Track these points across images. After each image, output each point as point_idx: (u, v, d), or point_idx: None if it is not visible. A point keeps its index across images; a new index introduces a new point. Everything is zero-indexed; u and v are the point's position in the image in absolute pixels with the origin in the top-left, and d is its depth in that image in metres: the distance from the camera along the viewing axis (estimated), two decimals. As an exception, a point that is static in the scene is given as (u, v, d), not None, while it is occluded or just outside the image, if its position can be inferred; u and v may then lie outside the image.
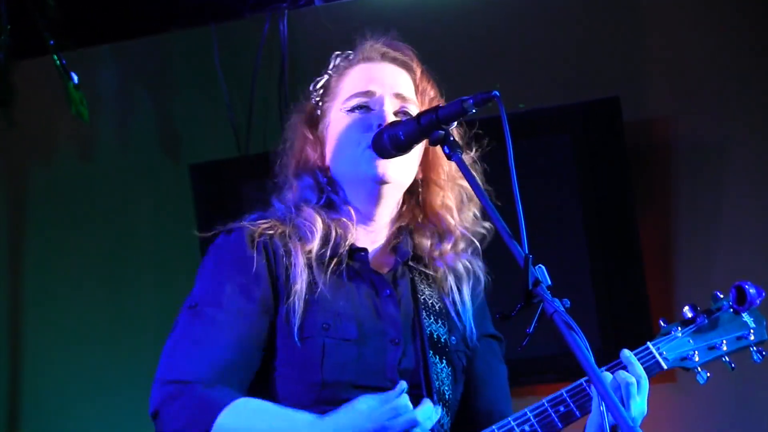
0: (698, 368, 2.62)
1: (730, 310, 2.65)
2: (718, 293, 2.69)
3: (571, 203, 4.43)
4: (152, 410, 2.43)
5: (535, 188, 4.28)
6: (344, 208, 2.59)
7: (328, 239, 2.54)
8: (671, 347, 2.60)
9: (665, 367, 2.59)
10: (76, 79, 4.62)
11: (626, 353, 2.53)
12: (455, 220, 2.65)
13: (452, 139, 2.43)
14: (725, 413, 4.42)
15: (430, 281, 2.66)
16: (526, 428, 2.49)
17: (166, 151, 5.02)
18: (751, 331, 2.66)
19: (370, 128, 2.55)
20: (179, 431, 2.38)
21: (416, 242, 2.64)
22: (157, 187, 4.99)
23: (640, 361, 2.53)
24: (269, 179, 2.69)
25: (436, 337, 2.59)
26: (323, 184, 2.61)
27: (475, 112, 2.39)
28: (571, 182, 4.44)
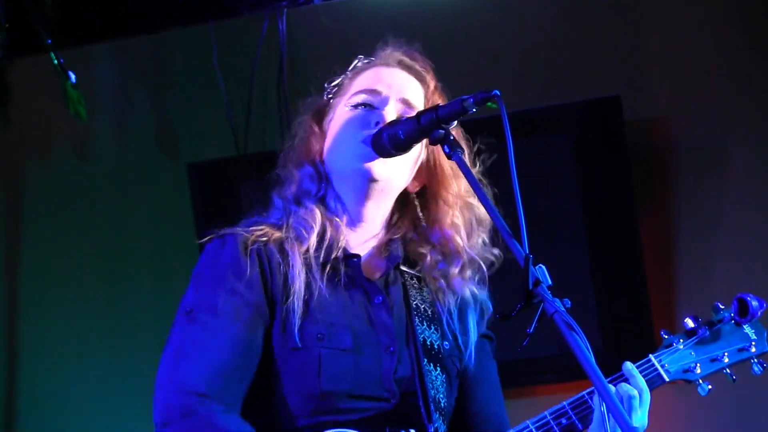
0: (700, 380, 2.61)
1: (731, 321, 2.65)
2: (719, 304, 2.68)
3: (571, 203, 4.42)
4: (160, 420, 2.40)
5: (535, 188, 4.28)
6: (336, 205, 2.59)
7: (323, 237, 2.53)
8: (673, 359, 2.59)
9: (667, 379, 2.58)
10: (73, 77, 4.61)
11: (628, 366, 2.52)
12: (463, 241, 2.62)
13: (452, 138, 2.41)
14: (725, 413, 4.40)
15: (421, 285, 2.65)
16: None
17: (164, 150, 5.01)
18: (752, 343, 2.65)
19: (368, 125, 2.54)
20: None
21: (412, 251, 2.63)
22: (155, 186, 4.98)
23: (642, 373, 2.52)
24: (272, 172, 2.68)
25: (429, 343, 2.58)
26: (323, 174, 2.60)
27: (475, 111, 2.38)
28: (571, 182, 4.43)
